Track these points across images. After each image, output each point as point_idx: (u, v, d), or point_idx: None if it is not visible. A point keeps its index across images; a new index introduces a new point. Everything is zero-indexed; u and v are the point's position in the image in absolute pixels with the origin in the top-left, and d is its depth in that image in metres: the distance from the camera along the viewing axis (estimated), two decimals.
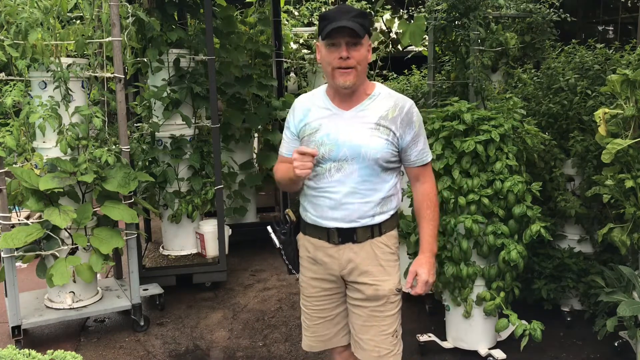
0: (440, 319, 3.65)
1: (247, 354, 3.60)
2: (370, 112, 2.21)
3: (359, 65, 2.14)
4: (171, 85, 4.51)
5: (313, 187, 2.28)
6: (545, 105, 3.83)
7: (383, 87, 2.29)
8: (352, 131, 2.19)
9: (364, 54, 2.15)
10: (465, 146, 3.16)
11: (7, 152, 3.37)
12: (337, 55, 2.12)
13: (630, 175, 2.98)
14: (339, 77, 2.14)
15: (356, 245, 2.26)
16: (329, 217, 2.25)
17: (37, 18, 3.32)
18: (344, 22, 2.07)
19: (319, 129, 2.23)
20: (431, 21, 4.01)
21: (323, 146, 2.20)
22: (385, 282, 2.27)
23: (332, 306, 2.39)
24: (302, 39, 6.82)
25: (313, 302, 2.40)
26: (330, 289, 2.36)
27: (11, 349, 1.72)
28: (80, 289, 3.80)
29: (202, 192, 4.64)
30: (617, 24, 9.14)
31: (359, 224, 2.24)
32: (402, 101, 2.24)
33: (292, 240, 2.44)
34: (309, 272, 2.38)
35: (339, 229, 2.25)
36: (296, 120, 2.31)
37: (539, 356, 3.46)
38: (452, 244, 3.25)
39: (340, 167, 2.20)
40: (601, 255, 3.73)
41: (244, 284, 4.74)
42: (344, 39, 2.10)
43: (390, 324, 2.30)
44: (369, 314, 2.28)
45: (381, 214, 2.26)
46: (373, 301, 2.27)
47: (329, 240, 2.28)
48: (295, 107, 2.35)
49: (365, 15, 2.15)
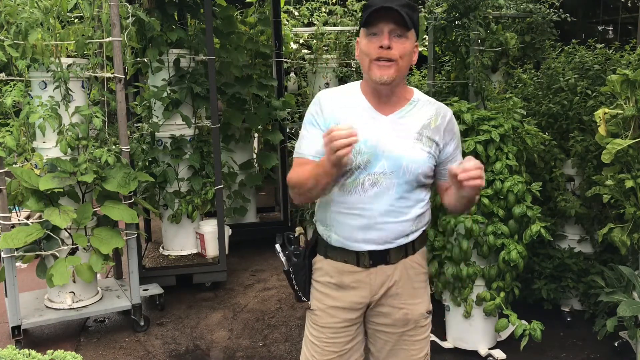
0: (440, 319, 3.65)
1: (247, 354, 3.60)
2: (412, 120, 1.96)
3: (400, 60, 1.86)
4: (171, 85, 4.51)
5: (340, 202, 1.96)
6: (545, 105, 3.83)
7: (421, 93, 2.06)
8: (393, 141, 1.92)
9: (408, 49, 1.87)
10: (465, 146, 3.16)
11: (7, 152, 3.36)
12: (377, 44, 1.84)
13: (630, 175, 2.99)
14: (376, 70, 1.85)
15: (389, 267, 2.00)
16: (360, 239, 1.96)
17: (37, 18, 3.32)
18: (390, 2, 1.81)
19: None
20: (431, 21, 4.01)
21: (360, 155, 1.88)
22: (416, 306, 2.07)
23: (348, 339, 2.08)
24: (302, 39, 6.82)
25: (328, 333, 2.06)
26: (351, 320, 2.06)
27: (11, 349, 1.72)
28: (80, 289, 3.80)
29: (202, 192, 4.64)
30: (617, 24, 9.14)
31: (394, 244, 1.98)
32: (444, 110, 2.03)
33: (306, 264, 2.12)
34: (328, 299, 2.05)
35: (370, 252, 1.97)
36: (326, 116, 1.95)
37: (539, 356, 3.46)
38: (452, 244, 3.25)
39: (376, 181, 1.91)
40: (601, 255, 3.73)
41: (244, 284, 4.74)
42: (387, 26, 1.83)
43: (421, 348, 2.10)
44: (398, 339, 2.08)
45: (415, 232, 2.02)
46: (401, 327, 2.06)
47: (358, 264, 1.99)
48: (322, 102, 1.98)
49: (415, 9, 1.88)
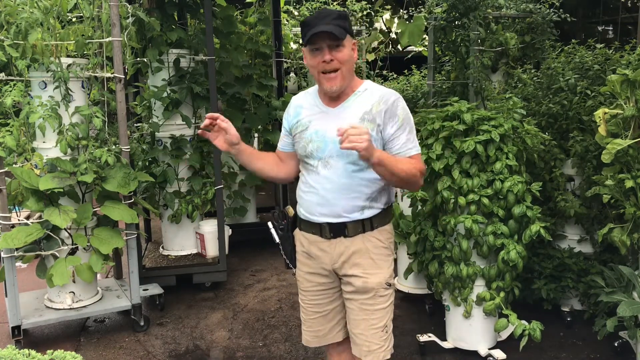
0: (440, 319, 3.65)
1: (247, 354, 3.60)
2: (355, 108, 2.24)
3: (343, 67, 2.18)
4: (171, 85, 4.50)
5: (303, 182, 2.35)
6: (545, 105, 3.83)
7: (372, 84, 2.31)
8: (337, 127, 2.14)
9: (347, 54, 2.19)
10: (465, 146, 3.16)
11: (7, 152, 3.36)
12: (320, 59, 2.17)
13: (630, 175, 2.99)
14: (325, 82, 2.20)
15: (348, 239, 2.29)
16: (318, 213, 2.29)
17: (37, 18, 3.32)
18: (323, 26, 2.12)
19: (308, 126, 2.30)
20: (431, 21, 4.01)
21: (312, 143, 2.27)
22: (375, 275, 2.29)
23: (327, 301, 2.43)
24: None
25: (309, 296, 2.45)
26: (324, 284, 2.40)
27: (11, 349, 1.72)
28: (80, 289, 3.80)
29: (202, 192, 4.64)
30: (617, 24, 9.15)
31: (348, 218, 2.27)
32: (388, 95, 2.25)
33: (290, 236, 2.51)
34: (304, 266, 2.43)
35: (329, 224, 2.28)
36: (290, 117, 2.40)
37: (538, 356, 3.46)
38: (452, 244, 3.25)
39: (327, 164, 2.24)
40: (601, 255, 3.73)
41: (244, 284, 4.74)
42: (325, 43, 2.15)
43: (380, 318, 2.31)
44: (359, 307, 2.31)
45: (371, 209, 2.28)
46: (362, 294, 2.30)
47: (321, 235, 2.32)
48: (291, 104, 2.43)
49: (345, 17, 2.20)
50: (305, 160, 2.32)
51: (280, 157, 2.48)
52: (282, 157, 2.48)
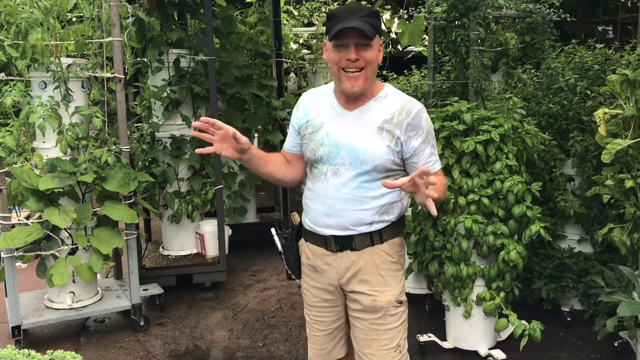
0: (440, 319, 3.65)
1: (247, 354, 3.60)
2: (375, 114, 2.09)
3: (368, 67, 2.03)
4: (171, 86, 4.50)
5: (310, 189, 2.19)
6: (545, 105, 3.83)
7: (392, 89, 2.16)
8: (353, 134, 2.08)
9: (374, 55, 2.04)
10: (465, 146, 3.16)
11: (7, 152, 3.36)
12: (345, 56, 2.01)
13: (630, 175, 2.99)
14: (346, 81, 2.04)
15: (354, 253, 2.15)
16: (324, 224, 2.15)
17: (37, 18, 3.32)
18: (354, 22, 1.95)
19: (320, 127, 2.13)
20: (431, 21, 4.01)
21: (323, 147, 2.11)
22: (384, 293, 2.16)
23: (332, 319, 2.29)
24: (302, 39, 6.83)
25: (314, 311, 2.31)
26: (329, 300, 2.27)
27: (11, 349, 1.72)
28: (80, 289, 3.80)
29: (202, 192, 4.64)
30: (617, 24, 9.15)
31: (356, 231, 2.12)
32: (411, 104, 2.11)
33: (293, 246, 2.35)
34: (310, 280, 2.29)
35: (335, 237, 2.15)
36: (299, 115, 2.22)
37: (538, 356, 3.46)
38: (452, 244, 3.25)
39: (337, 171, 2.10)
40: (601, 255, 3.73)
41: (244, 284, 4.74)
42: (352, 40, 1.99)
43: (392, 337, 2.17)
44: (369, 327, 2.17)
45: (380, 222, 2.14)
46: (371, 313, 2.16)
47: (327, 248, 2.18)
48: (300, 101, 2.26)
49: (377, 15, 2.04)
50: (314, 165, 2.16)
51: (287, 158, 2.31)
52: (288, 158, 2.31)
